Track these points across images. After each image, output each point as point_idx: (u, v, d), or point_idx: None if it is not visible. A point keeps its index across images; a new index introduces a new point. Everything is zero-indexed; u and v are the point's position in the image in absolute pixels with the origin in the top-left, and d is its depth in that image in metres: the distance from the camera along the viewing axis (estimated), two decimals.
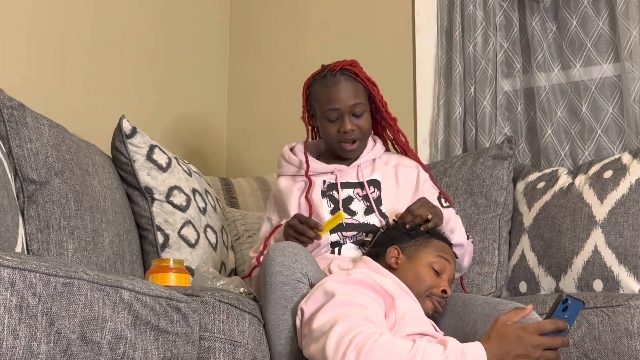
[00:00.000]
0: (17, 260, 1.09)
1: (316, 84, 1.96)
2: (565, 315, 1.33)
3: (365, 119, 1.94)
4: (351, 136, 1.92)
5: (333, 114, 1.92)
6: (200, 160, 2.98)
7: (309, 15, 3.12)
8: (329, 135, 1.95)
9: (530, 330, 1.32)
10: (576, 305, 1.33)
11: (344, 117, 1.91)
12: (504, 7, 2.65)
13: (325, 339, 1.36)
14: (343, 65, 1.94)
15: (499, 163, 2.32)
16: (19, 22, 2.23)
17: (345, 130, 1.90)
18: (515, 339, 1.32)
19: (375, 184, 1.94)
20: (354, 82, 1.93)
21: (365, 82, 1.95)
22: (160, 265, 1.82)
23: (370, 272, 1.56)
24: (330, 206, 1.91)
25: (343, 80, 1.92)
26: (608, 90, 2.46)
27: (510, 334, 1.33)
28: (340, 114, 1.91)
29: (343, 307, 1.42)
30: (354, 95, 1.92)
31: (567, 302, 1.32)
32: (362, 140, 1.96)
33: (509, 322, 1.36)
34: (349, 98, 1.91)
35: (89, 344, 1.18)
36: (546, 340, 1.31)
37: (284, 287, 1.56)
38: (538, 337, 1.32)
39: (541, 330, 1.32)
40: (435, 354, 1.29)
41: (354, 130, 1.91)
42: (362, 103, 1.93)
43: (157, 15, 2.86)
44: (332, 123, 1.93)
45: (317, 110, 1.96)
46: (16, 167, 1.80)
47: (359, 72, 1.95)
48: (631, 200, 2.03)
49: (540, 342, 1.31)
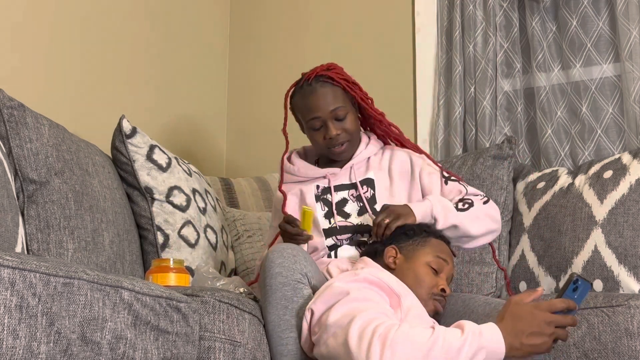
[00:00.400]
0: (17, 260, 1.09)
1: (296, 95, 1.97)
2: (575, 296, 1.35)
3: (350, 120, 1.93)
4: (338, 140, 1.92)
5: (316, 122, 1.92)
6: (200, 160, 2.98)
7: (309, 16, 3.12)
8: (317, 143, 1.96)
9: (543, 307, 1.33)
10: (585, 286, 1.35)
11: (327, 123, 1.91)
12: (504, 7, 2.65)
13: (345, 332, 1.37)
14: (317, 72, 1.93)
15: (499, 163, 2.32)
16: (19, 22, 2.23)
17: (330, 136, 1.90)
18: (529, 316, 1.32)
19: (369, 183, 1.94)
20: (331, 86, 1.92)
21: (342, 83, 1.93)
22: (160, 265, 1.82)
23: (377, 271, 1.57)
24: (324, 210, 1.92)
25: (319, 87, 1.91)
26: (608, 90, 2.46)
27: (524, 312, 1.33)
28: (322, 121, 1.91)
29: (358, 302, 1.44)
30: (333, 101, 1.91)
31: (578, 283, 1.34)
32: (351, 142, 1.95)
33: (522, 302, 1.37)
34: (327, 104, 1.90)
35: (89, 344, 1.18)
36: (558, 317, 1.32)
37: (284, 288, 1.56)
38: (550, 314, 1.32)
39: (553, 308, 1.33)
40: (454, 337, 1.30)
41: (339, 134, 1.91)
42: (343, 106, 1.91)
43: (157, 16, 2.86)
44: (317, 131, 1.93)
45: (302, 120, 1.97)
46: (16, 167, 1.80)
47: (334, 75, 1.93)
48: (631, 200, 2.03)
49: (552, 319, 1.32)
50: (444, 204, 1.83)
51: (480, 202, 1.88)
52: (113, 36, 2.61)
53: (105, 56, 2.57)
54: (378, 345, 1.31)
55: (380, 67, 2.88)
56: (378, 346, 1.31)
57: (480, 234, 1.87)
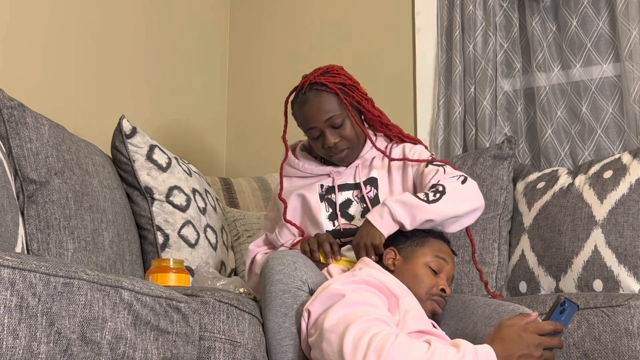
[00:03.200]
0: (17, 260, 1.09)
1: (294, 105, 1.93)
2: (562, 318, 1.38)
3: (349, 126, 1.88)
4: (337, 148, 1.89)
5: (313, 132, 1.89)
6: (200, 160, 2.98)
7: (309, 16, 3.12)
8: (318, 150, 1.93)
9: (531, 330, 1.36)
10: (572, 308, 1.38)
11: (324, 132, 1.87)
12: (504, 7, 2.65)
13: (341, 341, 1.36)
14: (311, 80, 1.89)
15: (499, 163, 2.32)
16: (19, 21, 2.23)
17: (329, 145, 1.87)
18: (517, 339, 1.35)
19: (372, 183, 1.93)
20: (325, 95, 1.87)
21: (336, 89, 1.87)
22: (160, 265, 1.82)
23: (376, 271, 1.56)
24: (329, 211, 1.90)
25: (312, 97, 1.87)
26: (608, 90, 2.46)
27: (512, 335, 1.36)
28: (319, 130, 1.88)
29: (354, 306, 1.43)
30: (327, 109, 1.86)
31: (565, 305, 1.37)
32: (352, 147, 1.91)
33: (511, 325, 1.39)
34: (321, 114, 1.86)
35: (89, 344, 1.18)
36: (546, 340, 1.35)
37: (285, 295, 1.56)
38: (538, 336, 1.36)
39: (541, 330, 1.36)
40: (450, 354, 1.31)
41: (337, 142, 1.88)
42: (338, 113, 1.87)
43: (157, 16, 2.86)
44: (317, 140, 1.91)
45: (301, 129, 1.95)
46: (16, 167, 1.80)
47: (328, 81, 1.88)
48: (631, 200, 2.03)
49: (540, 342, 1.35)
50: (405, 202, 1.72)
51: (458, 183, 1.77)
52: (113, 36, 2.61)
53: (106, 56, 2.57)
54: (373, 358, 1.30)
55: (380, 67, 2.88)
56: (373, 359, 1.30)
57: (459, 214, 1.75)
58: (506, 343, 1.35)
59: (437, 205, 1.71)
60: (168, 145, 2.66)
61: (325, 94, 1.88)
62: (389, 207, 1.72)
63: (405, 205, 1.72)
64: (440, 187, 1.75)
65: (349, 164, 1.96)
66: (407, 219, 1.71)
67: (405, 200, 1.72)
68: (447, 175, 1.80)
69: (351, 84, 1.93)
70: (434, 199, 1.72)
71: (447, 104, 2.68)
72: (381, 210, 1.73)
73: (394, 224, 1.72)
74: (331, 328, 1.40)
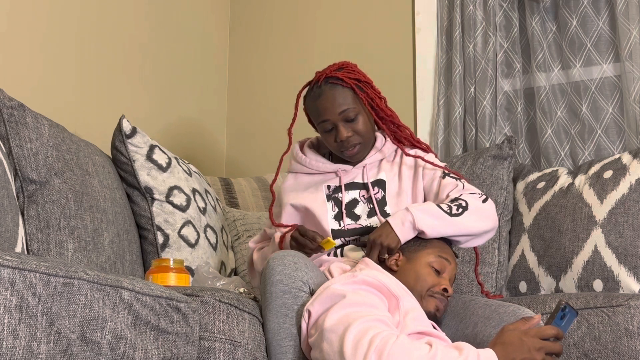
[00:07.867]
0: (17, 260, 1.09)
1: (307, 98, 1.94)
2: (562, 323, 1.39)
3: (362, 121, 1.89)
4: (349, 143, 1.88)
5: (326, 125, 1.89)
6: (200, 160, 2.98)
7: (309, 16, 3.12)
8: (329, 144, 1.92)
9: (532, 334, 1.36)
10: (572, 314, 1.40)
11: (338, 125, 1.87)
12: (504, 7, 2.65)
13: (341, 341, 1.36)
14: (327, 74, 1.89)
15: (499, 163, 2.32)
16: (19, 21, 2.23)
17: (341, 139, 1.87)
18: (518, 343, 1.35)
19: (380, 184, 1.92)
20: (340, 88, 1.88)
21: (352, 84, 1.88)
22: (160, 265, 1.82)
23: (376, 272, 1.56)
24: (335, 210, 1.90)
25: (328, 90, 1.88)
26: (608, 90, 2.46)
27: (514, 339, 1.36)
28: (332, 123, 1.88)
29: (354, 307, 1.43)
30: (341, 102, 1.87)
31: (565, 310, 1.38)
32: (364, 143, 1.91)
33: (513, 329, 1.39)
34: (336, 107, 1.86)
35: (89, 344, 1.18)
36: (547, 344, 1.36)
37: (285, 296, 1.55)
38: (540, 340, 1.36)
39: (543, 334, 1.37)
40: (453, 357, 1.32)
41: (350, 136, 1.87)
42: (352, 107, 1.87)
43: (157, 16, 2.86)
44: (329, 133, 1.90)
45: (314, 122, 1.96)
46: (16, 167, 1.80)
47: (344, 76, 1.89)
48: (631, 200, 2.03)
49: (542, 346, 1.35)
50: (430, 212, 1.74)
51: (479, 201, 1.80)
52: (113, 36, 2.61)
53: (106, 56, 2.57)
54: (374, 358, 1.30)
55: (380, 67, 2.88)
56: (374, 359, 1.30)
57: (477, 233, 1.80)
58: (508, 347, 1.35)
59: (459, 219, 1.74)
60: (168, 145, 2.66)
61: (341, 87, 1.89)
62: (412, 215, 1.73)
63: (429, 214, 1.74)
64: (463, 202, 1.78)
65: (358, 161, 1.95)
66: (428, 228, 1.72)
67: (429, 209, 1.74)
68: (466, 190, 1.83)
69: (365, 81, 1.93)
70: (456, 212, 1.75)
71: (447, 104, 2.68)
72: (404, 217, 1.74)
73: (413, 232, 1.73)
74: (331, 328, 1.40)
